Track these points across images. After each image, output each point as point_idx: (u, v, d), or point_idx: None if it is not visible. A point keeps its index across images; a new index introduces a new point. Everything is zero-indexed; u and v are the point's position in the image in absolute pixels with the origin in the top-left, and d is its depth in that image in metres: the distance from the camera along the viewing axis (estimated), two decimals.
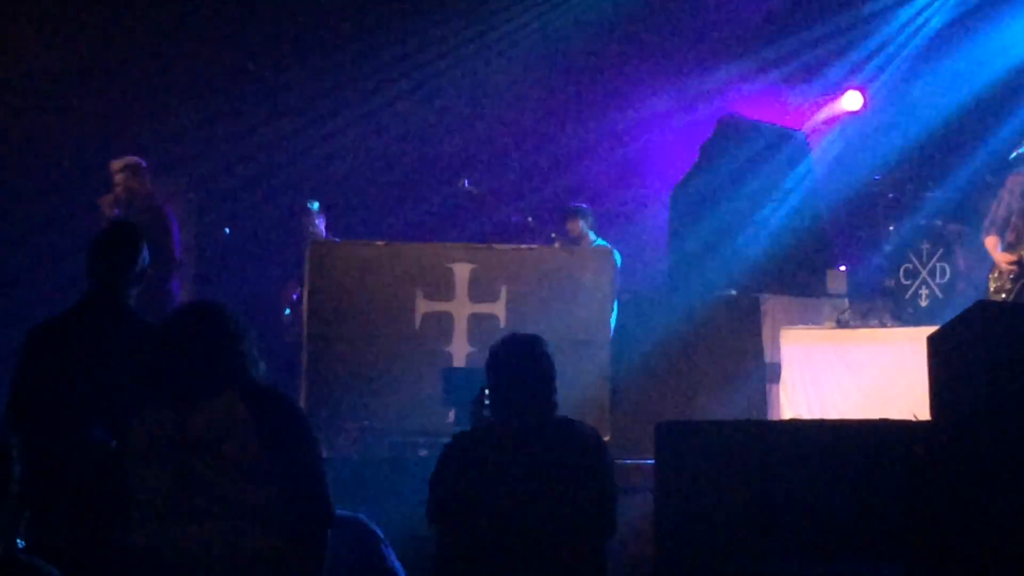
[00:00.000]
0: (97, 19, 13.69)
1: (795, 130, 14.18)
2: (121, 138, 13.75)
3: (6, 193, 12.04)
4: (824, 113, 14.75)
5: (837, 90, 14.65)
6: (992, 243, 10.67)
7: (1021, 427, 5.12)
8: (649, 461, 6.18)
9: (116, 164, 11.03)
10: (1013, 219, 10.66)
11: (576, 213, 12.40)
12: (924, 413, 6.44)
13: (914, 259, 12.08)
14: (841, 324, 11.46)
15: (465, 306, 10.26)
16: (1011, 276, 10.36)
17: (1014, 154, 11.36)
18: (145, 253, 6.49)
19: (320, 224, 12.15)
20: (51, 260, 11.36)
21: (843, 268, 12.30)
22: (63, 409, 6.10)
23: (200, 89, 14.00)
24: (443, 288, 10.30)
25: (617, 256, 11.83)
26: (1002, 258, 10.51)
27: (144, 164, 11.12)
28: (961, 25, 14.13)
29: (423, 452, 8.93)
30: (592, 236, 12.29)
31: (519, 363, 5.55)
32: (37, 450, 5.86)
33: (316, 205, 12.28)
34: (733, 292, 11.91)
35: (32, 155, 12.40)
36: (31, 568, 4.29)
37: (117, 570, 5.05)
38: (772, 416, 10.41)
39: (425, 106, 14.13)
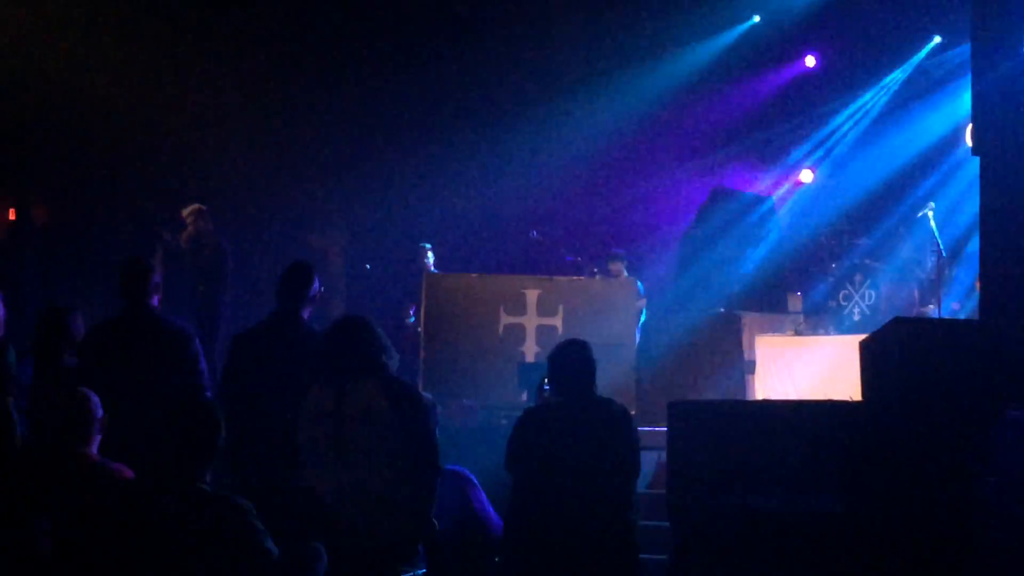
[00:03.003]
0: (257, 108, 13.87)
1: (766, 196, 14.18)
2: (289, 195, 14.02)
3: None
4: (786, 184, 14.72)
5: (795, 168, 14.63)
6: None
7: (923, 405, 5.12)
8: (663, 428, 6.19)
9: (186, 211, 10.74)
10: None
11: (618, 257, 12.40)
12: (857, 396, 6.44)
13: (849, 287, 12.03)
14: (798, 333, 11.40)
15: (534, 320, 10.27)
16: None
17: (920, 213, 11.30)
18: (316, 284, 6.52)
19: (431, 260, 12.20)
20: (249, 286, 11.42)
21: (799, 293, 12.25)
22: (256, 391, 6.18)
23: (350, 159, 14.18)
24: (518, 307, 10.32)
25: (640, 285, 11.83)
26: None
27: (206, 209, 10.83)
28: (882, 121, 14.11)
29: (503, 421, 8.93)
30: (625, 273, 12.26)
31: (571, 360, 5.55)
32: (238, 421, 5.96)
33: (429, 246, 12.32)
34: (721, 310, 11.90)
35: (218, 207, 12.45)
36: (234, 503, 4.36)
37: (292, 505, 5.10)
38: (749, 397, 10.39)
39: (508, 180, 14.20)
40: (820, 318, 11.92)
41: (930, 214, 11.11)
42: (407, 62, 13.78)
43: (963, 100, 12.00)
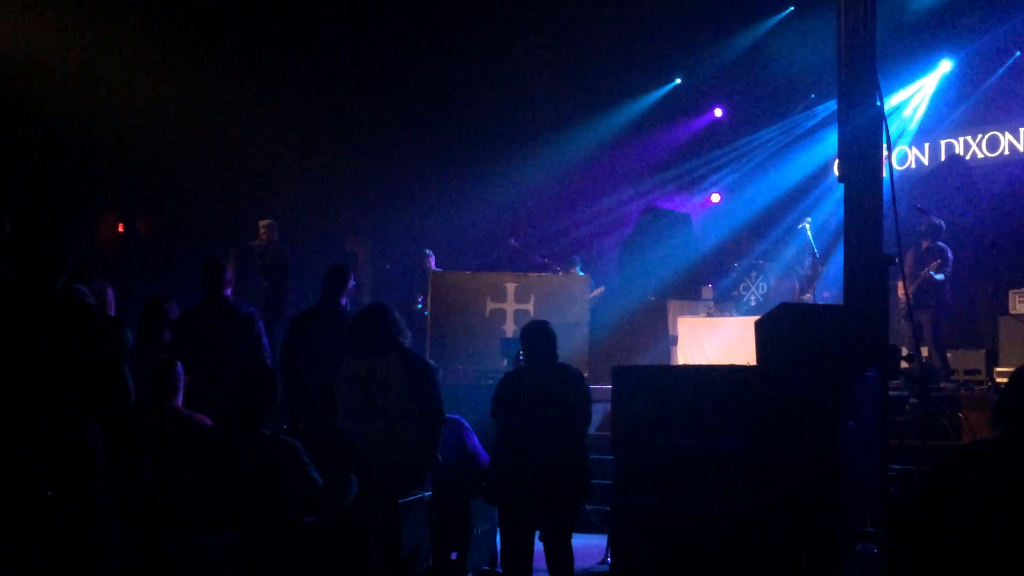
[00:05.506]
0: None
1: (685, 214, 14.22)
2: (332, 214, 14.02)
3: (299, 248, 11.89)
4: (700, 203, 14.75)
5: (707, 192, 14.67)
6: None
7: (802, 368, 5.12)
8: (608, 387, 6.18)
9: (262, 224, 10.67)
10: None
11: (574, 260, 12.41)
12: (753, 362, 6.45)
13: (747, 280, 12.03)
14: (709, 314, 11.44)
15: (512, 305, 10.24)
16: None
17: (800, 225, 11.32)
18: (352, 282, 6.51)
19: (432, 261, 12.15)
20: (303, 280, 11.33)
21: (710, 285, 12.29)
22: (306, 359, 6.15)
23: (376, 189, 14.25)
24: (501, 295, 10.29)
25: (590, 281, 11.85)
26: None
27: (275, 223, 10.74)
28: (771, 157, 14.16)
29: (490, 381, 8.90)
30: (579, 271, 12.24)
31: (537, 335, 5.53)
32: (293, 380, 5.94)
33: (429, 251, 12.28)
34: (652, 298, 11.92)
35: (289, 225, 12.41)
36: (287, 442, 4.35)
37: (331, 444, 5.09)
38: (673, 363, 10.42)
39: (493, 202, 14.21)
40: (725, 304, 11.94)
41: (807, 226, 11.15)
42: (417, 125, 14.05)
43: (831, 140, 12.03)
